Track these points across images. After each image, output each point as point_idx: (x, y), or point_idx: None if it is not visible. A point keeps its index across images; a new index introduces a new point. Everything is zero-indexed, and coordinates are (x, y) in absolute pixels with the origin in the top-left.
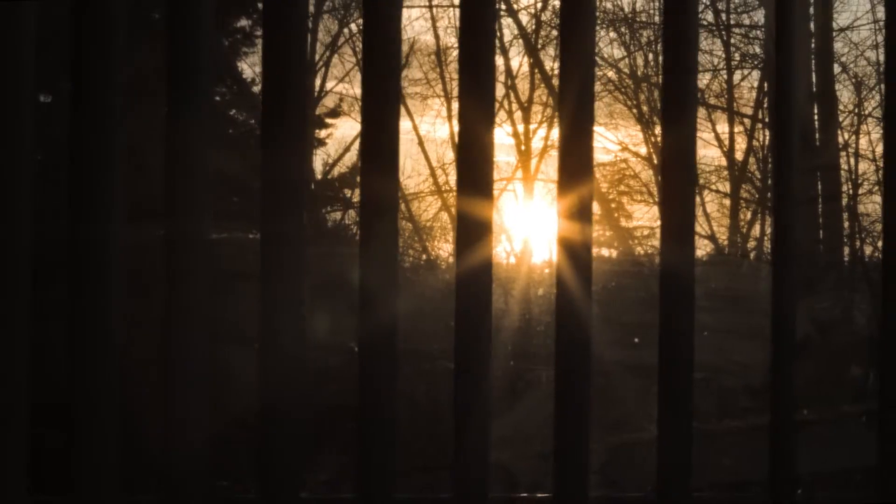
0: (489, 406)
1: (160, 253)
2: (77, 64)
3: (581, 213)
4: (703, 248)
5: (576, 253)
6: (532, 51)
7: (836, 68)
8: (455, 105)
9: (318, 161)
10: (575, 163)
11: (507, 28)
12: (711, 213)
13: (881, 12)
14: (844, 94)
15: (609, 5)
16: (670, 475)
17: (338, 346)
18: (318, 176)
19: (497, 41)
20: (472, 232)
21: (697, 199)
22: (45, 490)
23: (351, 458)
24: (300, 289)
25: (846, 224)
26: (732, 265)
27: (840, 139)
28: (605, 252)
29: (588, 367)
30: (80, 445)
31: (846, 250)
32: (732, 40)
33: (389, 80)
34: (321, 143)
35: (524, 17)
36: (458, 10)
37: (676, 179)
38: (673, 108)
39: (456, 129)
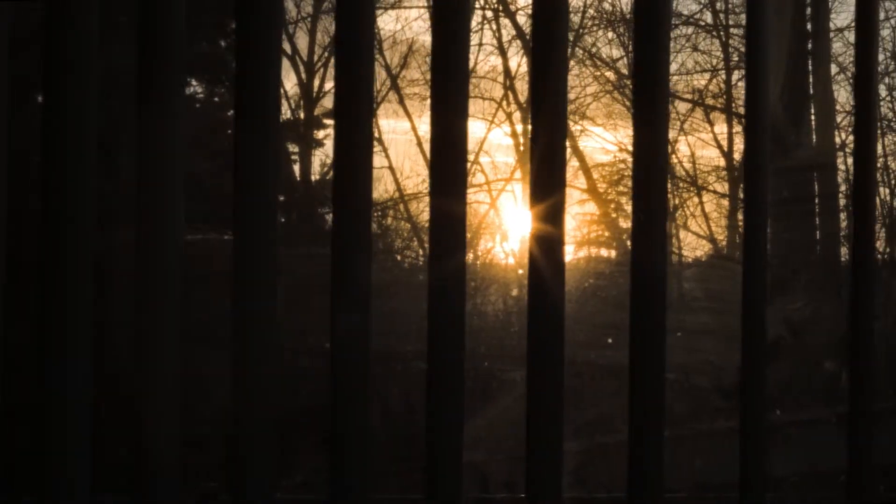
0: (462, 407)
1: (129, 256)
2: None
3: (554, 215)
4: (701, 249)
5: (548, 253)
6: (528, 50)
7: (833, 69)
8: None
9: (317, 162)
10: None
11: (505, 28)
12: (709, 213)
13: (880, 13)
14: (842, 94)
15: (607, 6)
16: (642, 476)
17: (314, 346)
18: (316, 176)
19: (496, 41)
20: (448, 233)
21: (696, 199)
22: (14, 489)
23: (325, 459)
24: (273, 289)
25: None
26: (730, 266)
27: (837, 139)
28: (603, 252)
29: (561, 367)
30: (50, 445)
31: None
32: (731, 41)
33: (361, 95)
34: (319, 143)
35: (522, 18)
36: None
37: (647, 179)
38: (645, 109)
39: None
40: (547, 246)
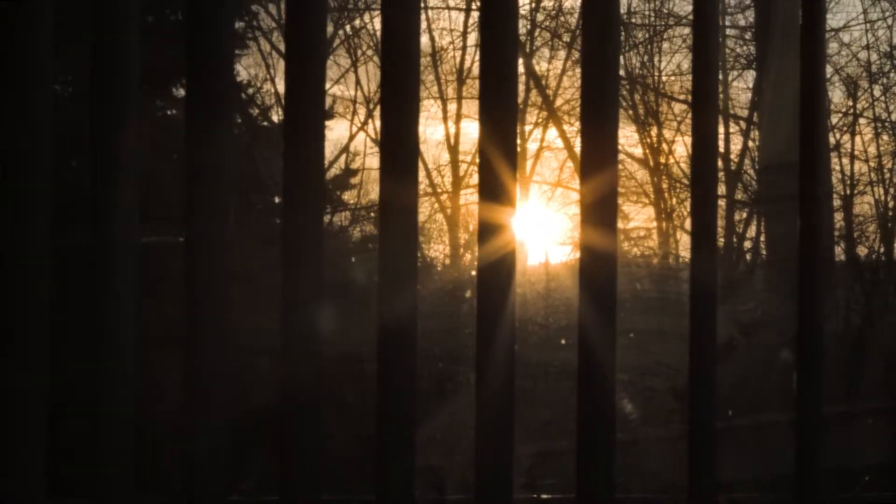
0: (413, 407)
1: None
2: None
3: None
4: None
5: (499, 254)
6: (522, 52)
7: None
8: (451, 107)
9: None
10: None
11: None
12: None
13: (874, 13)
14: (836, 95)
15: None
16: (591, 477)
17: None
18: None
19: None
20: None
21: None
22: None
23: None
24: (227, 291)
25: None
26: (727, 266)
27: (832, 139)
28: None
29: (511, 369)
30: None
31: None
32: (728, 41)
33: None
34: None
35: (520, 20)
36: (453, 13)
37: (598, 179)
38: (592, 110)
39: (452, 130)
40: (496, 249)
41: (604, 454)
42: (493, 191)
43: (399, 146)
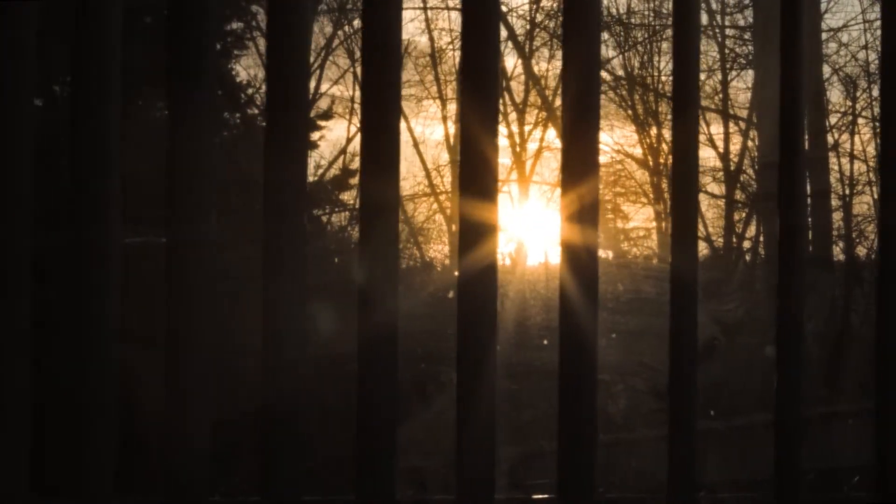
0: (395, 407)
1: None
2: None
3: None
4: (700, 251)
5: (478, 253)
6: (521, 53)
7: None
8: (450, 107)
9: (311, 163)
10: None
11: (503, 29)
12: (706, 213)
13: (872, 13)
14: (834, 95)
15: (604, 3)
16: (572, 476)
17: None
18: (311, 178)
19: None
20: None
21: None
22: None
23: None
24: (210, 291)
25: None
26: (728, 265)
27: (830, 139)
28: (601, 254)
29: (493, 368)
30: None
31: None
32: (726, 41)
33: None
34: (314, 145)
35: (518, 20)
36: (452, 13)
37: (580, 174)
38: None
39: (451, 130)
40: (476, 248)
41: (584, 455)
42: (474, 189)
43: (380, 143)
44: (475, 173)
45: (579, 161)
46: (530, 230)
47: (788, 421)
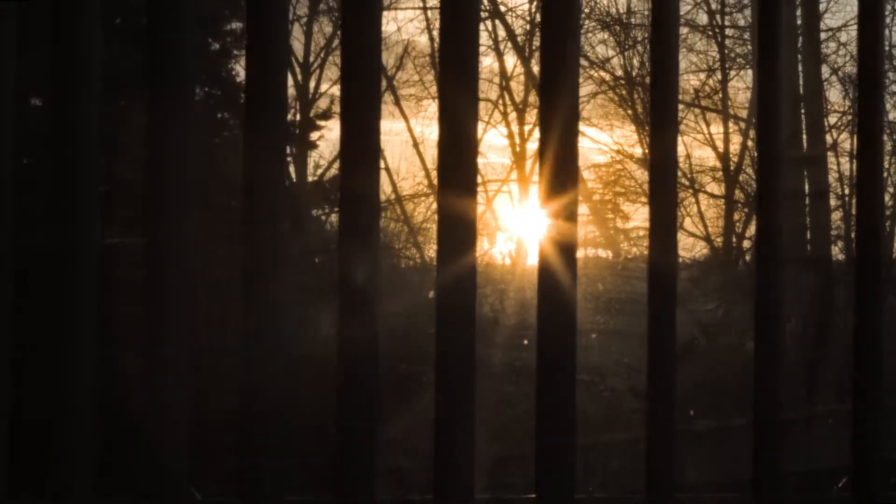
0: (374, 407)
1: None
2: None
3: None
4: (699, 250)
5: (458, 253)
6: (520, 53)
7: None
8: None
9: (311, 163)
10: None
11: (502, 29)
12: (706, 213)
13: None
14: (833, 94)
15: (604, 3)
16: (550, 476)
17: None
18: (311, 178)
19: (492, 42)
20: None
21: (692, 199)
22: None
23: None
24: (188, 291)
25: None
26: (728, 265)
27: (829, 139)
28: (601, 253)
29: (472, 368)
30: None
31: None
32: (726, 41)
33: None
34: (313, 145)
35: (517, 19)
36: None
37: (560, 174)
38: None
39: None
40: (455, 249)
41: (563, 455)
42: (453, 185)
43: (360, 143)
44: (455, 169)
45: (560, 159)
46: (530, 230)
47: (766, 420)
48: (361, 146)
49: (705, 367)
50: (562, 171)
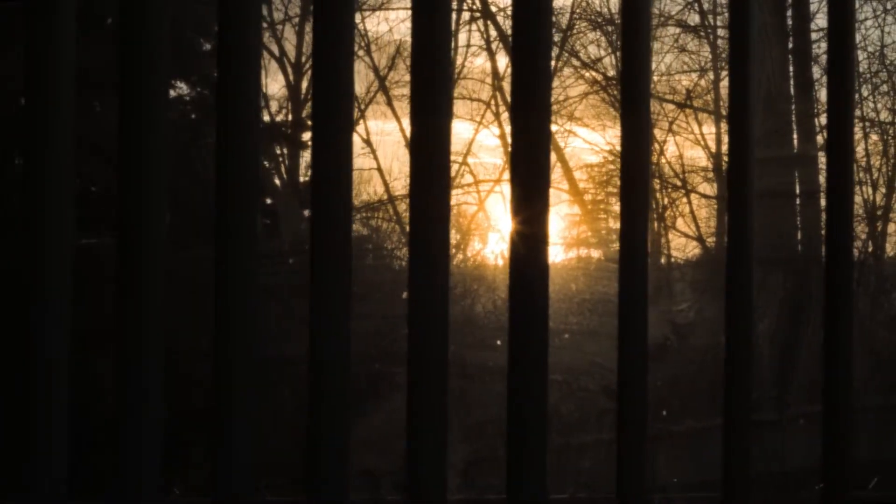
0: (345, 406)
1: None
2: None
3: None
4: (691, 250)
5: (430, 252)
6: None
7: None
8: None
9: (303, 163)
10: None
11: (493, 29)
12: (698, 213)
13: (863, 13)
14: (824, 94)
15: (596, 3)
16: (523, 476)
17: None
18: (304, 178)
19: (484, 42)
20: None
21: (684, 199)
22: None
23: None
24: (157, 294)
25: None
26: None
27: (820, 139)
28: (594, 253)
29: (444, 367)
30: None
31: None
32: (719, 41)
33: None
34: (304, 145)
35: (508, 20)
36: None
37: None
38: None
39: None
40: (427, 247)
41: (536, 455)
42: (426, 184)
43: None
44: (427, 169)
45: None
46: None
47: (736, 421)
48: (334, 153)
49: (678, 367)
50: (533, 175)
